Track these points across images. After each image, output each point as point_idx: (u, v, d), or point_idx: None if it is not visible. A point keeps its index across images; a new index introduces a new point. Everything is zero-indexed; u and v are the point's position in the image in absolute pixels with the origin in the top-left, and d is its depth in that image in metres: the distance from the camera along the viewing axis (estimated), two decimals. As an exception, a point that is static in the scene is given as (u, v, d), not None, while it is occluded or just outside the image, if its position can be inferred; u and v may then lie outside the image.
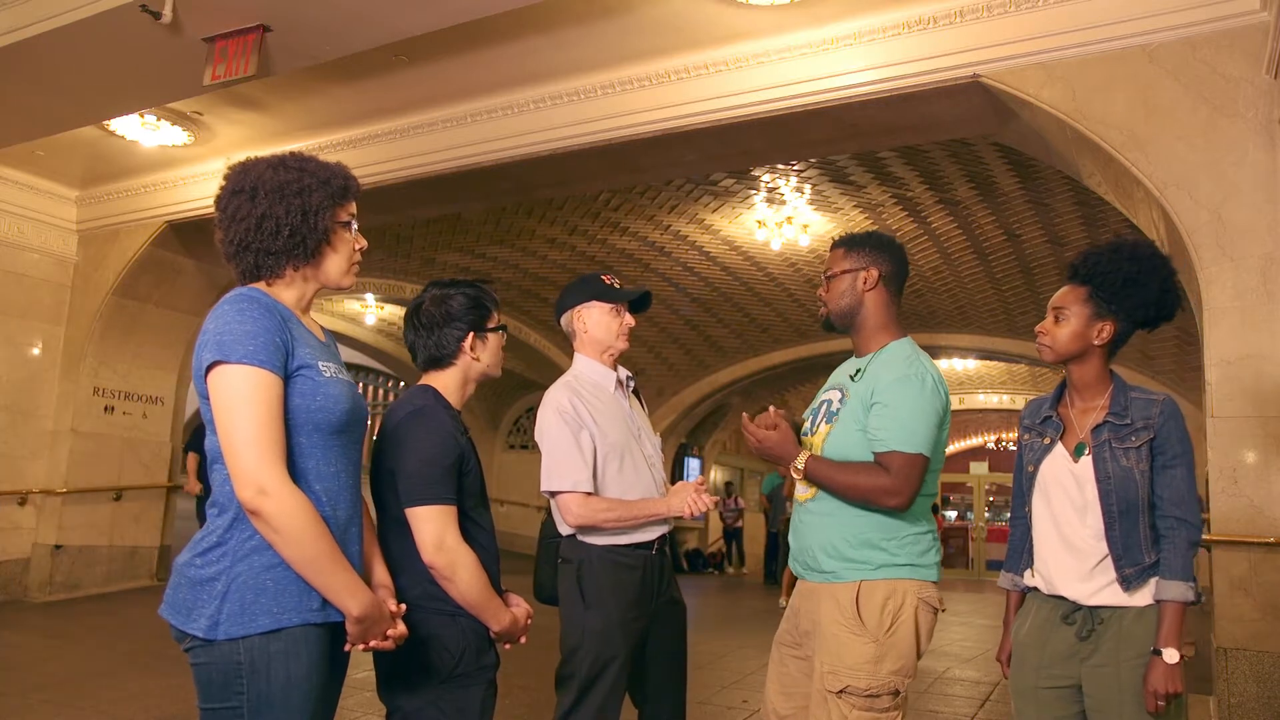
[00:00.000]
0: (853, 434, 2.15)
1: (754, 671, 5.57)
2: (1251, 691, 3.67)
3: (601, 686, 2.41)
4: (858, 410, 2.16)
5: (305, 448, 1.64)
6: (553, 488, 2.47)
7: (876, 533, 2.12)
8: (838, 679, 2.05)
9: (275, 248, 1.69)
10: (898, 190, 7.53)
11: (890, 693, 2.05)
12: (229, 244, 1.71)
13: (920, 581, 2.12)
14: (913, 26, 4.66)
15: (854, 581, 2.10)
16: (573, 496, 2.44)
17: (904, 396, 2.10)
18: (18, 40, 4.78)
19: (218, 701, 1.58)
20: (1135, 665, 1.99)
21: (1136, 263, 2.11)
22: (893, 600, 2.08)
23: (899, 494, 2.06)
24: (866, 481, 2.08)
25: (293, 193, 1.69)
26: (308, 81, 5.72)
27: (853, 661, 2.05)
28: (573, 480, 2.44)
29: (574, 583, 2.45)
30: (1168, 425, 2.05)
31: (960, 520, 19.12)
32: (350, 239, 1.79)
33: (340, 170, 1.78)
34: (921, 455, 2.07)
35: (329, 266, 1.77)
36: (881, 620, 2.07)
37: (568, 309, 2.66)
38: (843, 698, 2.04)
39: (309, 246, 1.71)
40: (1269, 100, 3.92)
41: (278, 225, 1.67)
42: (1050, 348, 2.18)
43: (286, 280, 1.73)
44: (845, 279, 2.26)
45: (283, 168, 1.71)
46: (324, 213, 1.72)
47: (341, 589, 1.60)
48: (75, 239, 8.04)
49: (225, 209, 1.71)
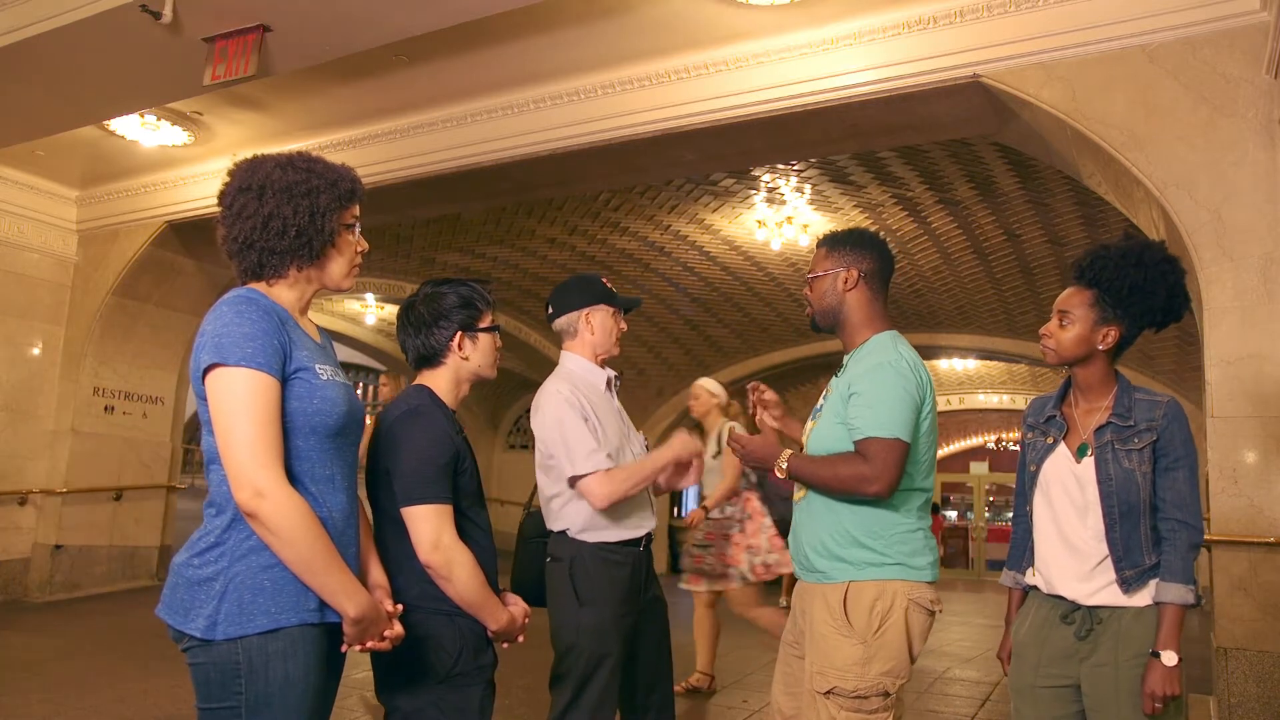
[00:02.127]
0: (833, 428, 2.16)
1: (754, 671, 5.57)
2: (1251, 691, 3.67)
3: (597, 684, 2.41)
4: (837, 404, 2.17)
5: (302, 450, 1.64)
6: (581, 470, 2.44)
7: (862, 530, 2.11)
8: (825, 680, 2.06)
9: (281, 247, 1.68)
10: (898, 190, 7.52)
11: (880, 694, 2.05)
12: (232, 241, 1.70)
13: (911, 582, 2.11)
14: (913, 26, 4.66)
15: (843, 582, 2.11)
16: (595, 477, 2.43)
17: (877, 384, 2.10)
18: (18, 40, 4.78)
19: (216, 701, 1.58)
20: (1134, 666, 1.99)
21: (1144, 269, 2.09)
22: (881, 601, 2.08)
23: (878, 480, 2.05)
24: (845, 470, 2.08)
25: (301, 193, 1.68)
26: (308, 81, 5.71)
27: (840, 663, 2.05)
28: (595, 461, 2.43)
29: (566, 580, 2.45)
30: (1171, 427, 2.05)
31: (960, 520, 19.12)
32: (353, 241, 1.79)
33: (347, 173, 1.77)
34: (899, 440, 2.06)
35: (332, 268, 1.77)
36: (870, 622, 2.06)
37: (574, 309, 2.65)
38: (830, 698, 2.05)
39: (314, 248, 1.71)
40: (1269, 100, 3.92)
41: (284, 225, 1.67)
42: (1054, 350, 2.17)
43: (289, 281, 1.73)
44: (827, 279, 2.28)
45: (291, 168, 1.70)
46: (331, 215, 1.71)
47: (338, 590, 1.60)
48: (75, 239, 8.05)
49: (230, 205, 1.70)
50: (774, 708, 2.31)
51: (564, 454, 2.46)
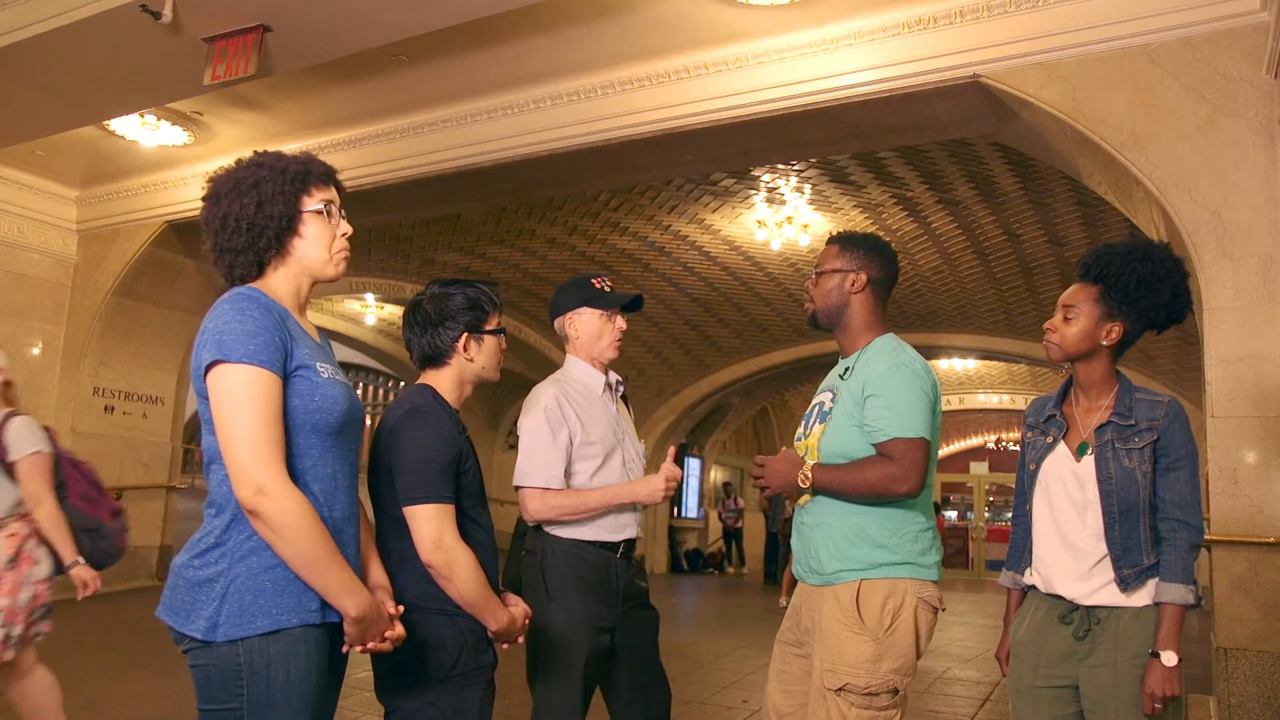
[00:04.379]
0: (847, 430, 2.16)
1: (754, 671, 5.57)
2: (1251, 691, 3.67)
3: (568, 680, 2.38)
4: (851, 407, 2.17)
5: (302, 448, 1.63)
6: (522, 482, 2.47)
7: (878, 529, 2.13)
8: (837, 677, 2.06)
9: (238, 245, 1.68)
10: (898, 190, 7.53)
11: (889, 691, 2.06)
12: (210, 251, 1.72)
13: (920, 581, 2.13)
14: (913, 26, 4.66)
15: (854, 581, 2.11)
16: (530, 491, 2.45)
17: (896, 385, 2.11)
18: (18, 40, 4.79)
19: (217, 703, 1.57)
20: (1133, 666, 1.98)
21: (1150, 265, 2.10)
22: (893, 599, 2.09)
23: (907, 480, 2.06)
24: (873, 474, 2.08)
25: (246, 188, 1.68)
26: (308, 81, 5.72)
27: (852, 660, 2.06)
28: (544, 477, 2.44)
29: (537, 574, 2.44)
30: (1172, 427, 2.04)
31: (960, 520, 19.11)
32: (325, 225, 1.73)
33: (301, 157, 1.75)
34: (923, 439, 2.08)
35: (304, 255, 1.72)
36: (881, 619, 2.07)
37: (560, 313, 2.66)
38: (841, 695, 2.05)
39: (269, 237, 1.68)
40: (1269, 100, 3.92)
41: (236, 222, 1.67)
42: (1058, 345, 2.17)
43: (278, 278, 1.72)
44: (835, 278, 2.28)
45: (241, 167, 1.71)
46: (279, 200, 1.68)
47: (339, 589, 1.59)
48: (75, 239, 8.05)
49: (203, 219, 1.73)
50: (769, 705, 2.31)
51: (518, 462, 2.49)
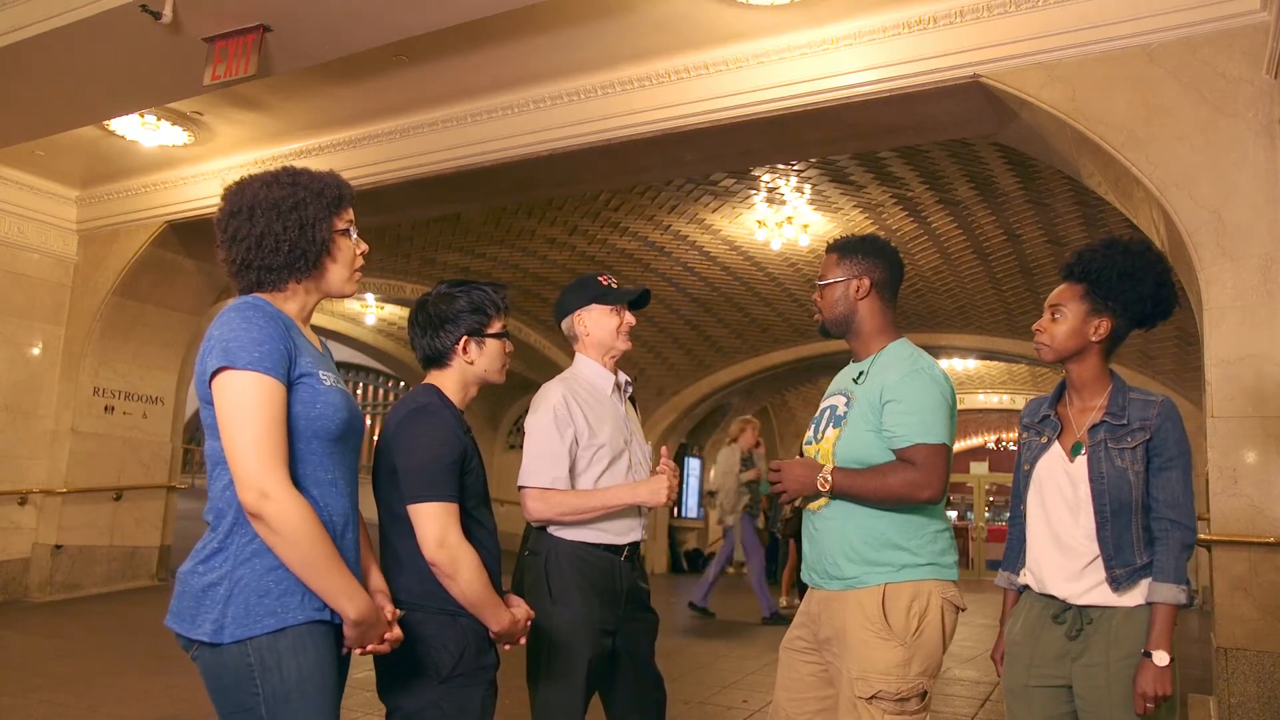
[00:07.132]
0: (863, 435, 2.15)
1: (754, 671, 5.58)
2: (1251, 691, 3.67)
3: (570, 682, 2.38)
4: (866, 412, 2.16)
5: (304, 454, 1.66)
6: (526, 482, 2.48)
7: (897, 532, 2.12)
8: (869, 685, 2.04)
9: (276, 264, 1.71)
10: (898, 190, 7.53)
11: (918, 694, 2.05)
12: (231, 263, 1.74)
13: (944, 582, 2.12)
14: (913, 26, 4.66)
15: (878, 585, 2.09)
16: (532, 491, 2.45)
17: (916, 391, 2.11)
18: (18, 40, 4.78)
19: (234, 705, 1.60)
20: (1125, 666, 1.99)
21: (1130, 257, 2.12)
22: (918, 601, 2.08)
23: (930, 486, 2.06)
24: (896, 480, 2.08)
25: (288, 208, 1.71)
26: (308, 81, 5.71)
27: (883, 666, 2.04)
28: (550, 477, 2.44)
29: (541, 576, 2.44)
30: (1165, 427, 2.05)
31: (960, 520, 19.10)
32: (350, 245, 1.81)
33: (332, 179, 1.79)
34: (944, 445, 2.08)
35: (331, 276, 1.79)
36: (908, 623, 2.06)
37: (568, 313, 2.66)
38: (874, 703, 2.03)
39: (310, 259, 1.74)
40: (1269, 100, 3.92)
41: (277, 242, 1.70)
42: (1048, 345, 2.18)
43: (289, 293, 1.75)
44: (838, 287, 2.27)
45: (276, 184, 1.73)
46: (321, 224, 1.74)
47: (339, 592, 1.61)
48: (75, 239, 8.04)
49: (225, 230, 1.74)
50: (779, 715, 2.28)
51: (523, 462, 2.49)
